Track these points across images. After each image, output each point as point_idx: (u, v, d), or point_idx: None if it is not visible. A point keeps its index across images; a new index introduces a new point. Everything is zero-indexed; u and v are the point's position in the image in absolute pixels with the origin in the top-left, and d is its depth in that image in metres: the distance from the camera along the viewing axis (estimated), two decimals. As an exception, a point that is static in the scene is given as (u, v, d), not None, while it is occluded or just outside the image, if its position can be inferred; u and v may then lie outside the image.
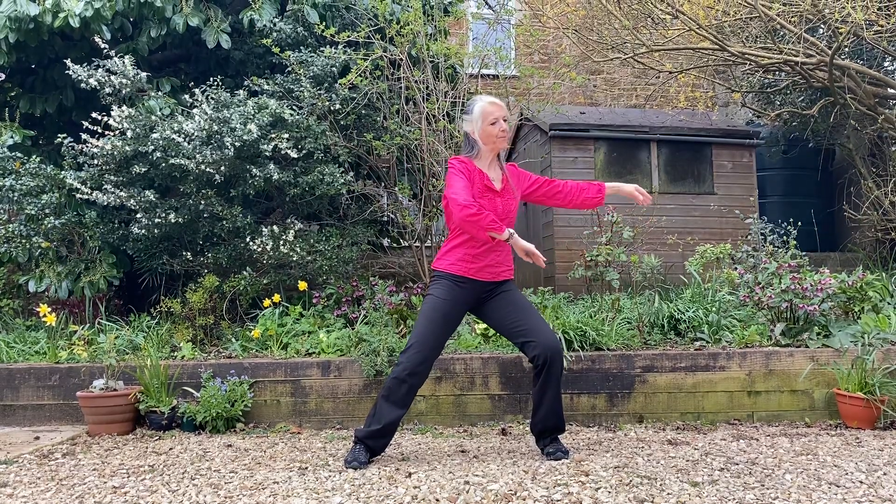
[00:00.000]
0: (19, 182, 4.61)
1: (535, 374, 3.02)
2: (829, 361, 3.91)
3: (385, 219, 5.82)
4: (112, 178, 4.56)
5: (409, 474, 2.83)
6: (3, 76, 5.60)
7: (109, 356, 3.83)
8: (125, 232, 4.74)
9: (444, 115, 5.11)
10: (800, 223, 5.36)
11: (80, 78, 4.63)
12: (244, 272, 4.68)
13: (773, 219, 6.35)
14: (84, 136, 4.51)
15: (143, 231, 4.53)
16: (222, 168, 4.45)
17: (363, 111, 5.23)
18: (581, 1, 6.42)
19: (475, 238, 3.00)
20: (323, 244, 4.87)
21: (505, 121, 3.05)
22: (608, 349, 4.04)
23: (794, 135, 7.49)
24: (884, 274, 5.13)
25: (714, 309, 4.43)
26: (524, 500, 2.46)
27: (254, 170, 4.55)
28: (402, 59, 5.10)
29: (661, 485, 2.64)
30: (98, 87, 4.67)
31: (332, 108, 5.00)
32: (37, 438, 3.66)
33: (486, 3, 8.44)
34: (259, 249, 4.59)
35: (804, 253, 4.80)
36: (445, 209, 3.08)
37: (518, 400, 3.89)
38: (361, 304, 4.72)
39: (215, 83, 4.80)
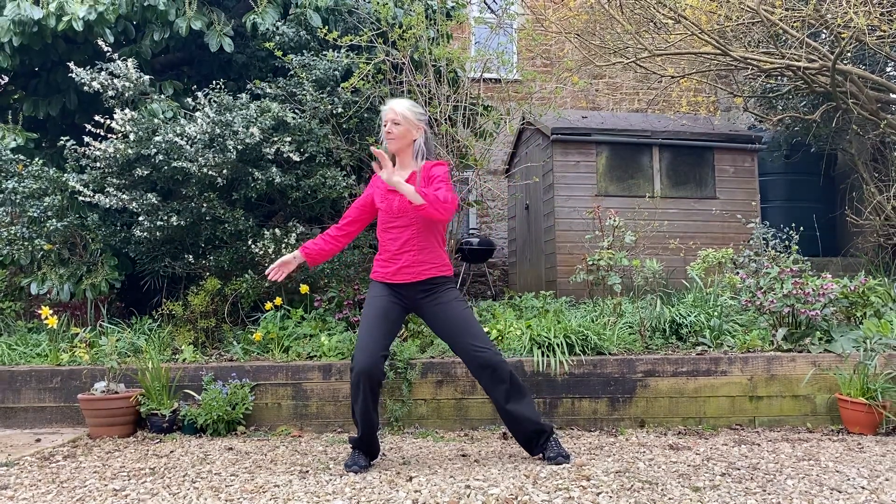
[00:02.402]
0: (22, 185, 4.62)
1: (485, 391, 3.07)
2: (831, 367, 3.91)
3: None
4: (114, 180, 4.56)
5: (410, 478, 2.83)
6: (7, 79, 5.62)
7: (111, 359, 3.84)
8: (127, 234, 4.75)
9: (445, 119, 5.11)
10: (802, 228, 5.36)
11: (83, 81, 4.64)
12: (246, 275, 4.68)
13: (774, 223, 6.35)
14: (87, 138, 4.52)
15: (145, 234, 4.53)
16: (224, 171, 4.46)
17: (365, 115, 5.23)
18: (583, 5, 6.43)
19: (385, 244, 3.11)
20: (324, 247, 4.87)
21: (397, 124, 3.07)
22: (610, 353, 4.04)
23: (797, 139, 7.49)
24: (886, 279, 5.12)
25: (716, 313, 4.43)
26: (525, 504, 2.46)
27: (256, 173, 4.56)
28: (404, 63, 5.11)
29: (662, 489, 2.63)
30: (101, 90, 4.68)
31: (334, 111, 5.01)
32: (38, 441, 3.67)
33: (489, 8, 8.46)
34: (261, 252, 4.59)
35: (806, 258, 4.79)
36: None
37: (519, 404, 3.89)
38: (363, 307, 4.72)
39: (218, 86, 4.81)
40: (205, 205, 4.54)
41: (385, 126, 3.10)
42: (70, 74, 4.71)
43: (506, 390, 2.99)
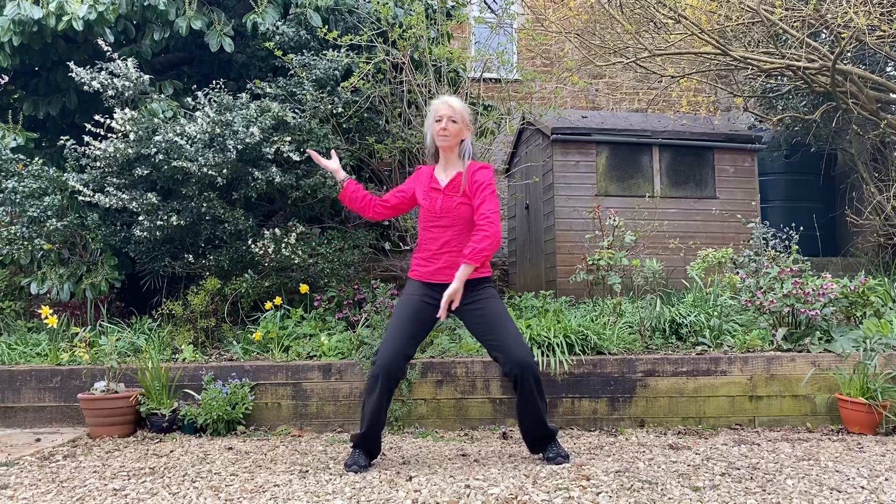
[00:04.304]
0: (22, 184, 4.62)
1: (512, 387, 3.06)
2: (830, 366, 3.91)
3: (386, 223, 5.82)
4: (114, 180, 4.56)
5: (410, 478, 2.83)
6: (7, 79, 5.62)
7: (111, 358, 3.84)
8: (127, 234, 4.75)
9: (446, 119, 5.11)
10: (802, 228, 5.35)
11: (83, 80, 4.64)
12: (246, 275, 4.68)
13: (774, 223, 6.34)
14: (87, 138, 4.52)
15: (145, 233, 4.53)
16: (224, 171, 4.46)
17: (365, 115, 5.24)
18: (583, 5, 6.43)
19: (425, 242, 3.10)
20: (325, 247, 4.88)
21: (454, 122, 3.03)
22: (610, 353, 4.04)
23: (797, 139, 7.49)
24: (886, 279, 5.12)
25: (716, 313, 4.43)
26: (525, 504, 2.46)
27: (256, 173, 4.56)
28: (404, 63, 5.11)
29: (662, 489, 2.63)
30: (101, 90, 4.68)
31: (334, 111, 5.01)
32: (38, 440, 3.67)
33: (489, 8, 8.46)
34: (261, 252, 4.59)
35: (806, 258, 4.79)
36: None
37: (519, 404, 3.88)
38: (363, 307, 4.72)
39: (218, 86, 4.81)
40: (205, 204, 4.54)
41: (440, 122, 3.03)
42: (70, 74, 4.71)
43: (530, 390, 2.98)
